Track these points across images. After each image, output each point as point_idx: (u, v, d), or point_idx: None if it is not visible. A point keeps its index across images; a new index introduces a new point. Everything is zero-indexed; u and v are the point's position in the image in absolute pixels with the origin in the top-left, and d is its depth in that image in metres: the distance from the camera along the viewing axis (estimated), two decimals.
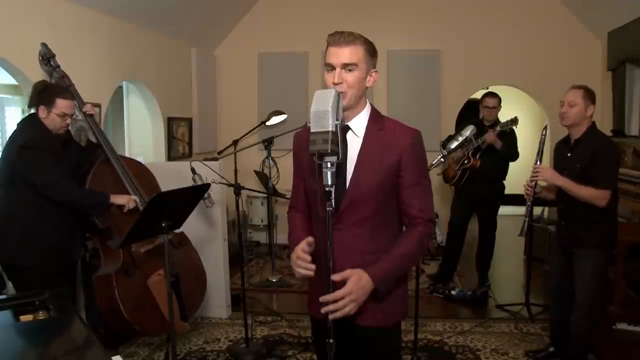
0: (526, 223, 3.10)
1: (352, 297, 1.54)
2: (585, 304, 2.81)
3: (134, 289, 2.88)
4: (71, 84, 3.03)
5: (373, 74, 1.68)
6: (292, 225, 1.92)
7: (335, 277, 1.55)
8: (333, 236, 1.61)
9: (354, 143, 1.70)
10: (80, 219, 2.88)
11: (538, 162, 2.99)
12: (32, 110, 2.77)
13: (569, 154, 2.87)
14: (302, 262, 1.68)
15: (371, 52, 1.66)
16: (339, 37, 1.62)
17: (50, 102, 2.67)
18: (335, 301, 1.54)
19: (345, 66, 1.61)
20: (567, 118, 2.80)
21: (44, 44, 3.02)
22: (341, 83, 1.61)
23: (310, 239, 1.72)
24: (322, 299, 1.54)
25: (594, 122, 2.84)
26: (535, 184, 2.96)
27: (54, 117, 2.69)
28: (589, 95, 2.78)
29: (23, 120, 2.79)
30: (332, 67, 1.63)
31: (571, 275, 2.88)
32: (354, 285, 1.55)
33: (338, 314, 1.54)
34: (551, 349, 3.21)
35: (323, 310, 1.54)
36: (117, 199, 2.87)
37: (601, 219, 2.75)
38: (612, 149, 2.79)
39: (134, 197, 2.95)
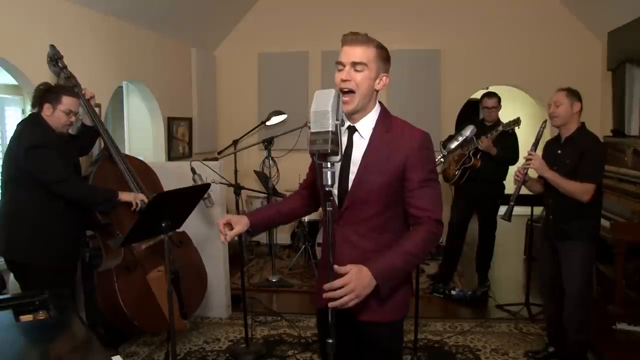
0: (512, 207, 3.13)
1: (350, 286, 1.52)
2: (575, 297, 2.87)
3: (134, 284, 2.89)
4: (77, 84, 3.05)
5: (384, 77, 1.69)
6: (289, 197, 2.08)
7: (338, 268, 1.54)
8: (336, 232, 1.67)
9: (360, 144, 1.71)
10: (82, 216, 2.89)
11: (533, 151, 3.04)
12: (34, 111, 2.77)
13: (559, 151, 2.97)
14: (220, 226, 1.82)
15: (383, 56, 1.68)
16: (352, 37, 1.65)
17: (56, 99, 2.70)
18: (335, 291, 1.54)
19: (354, 65, 1.63)
20: (556, 117, 2.93)
21: (52, 46, 3.05)
22: (349, 80, 1.63)
23: (229, 218, 1.83)
24: (325, 286, 1.54)
25: (583, 123, 2.95)
26: (526, 171, 3.01)
27: (59, 114, 2.71)
28: (573, 93, 2.92)
29: (24, 120, 2.80)
30: (342, 65, 1.65)
31: (560, 271, 2.94)
32: (353, 275, 1.53)
33: (336, 303, 1.52)
34: (550, 349, 3.22)
35: (324, 295, 1.53)
36: (124, 196, 2.89)
37: (587, 213, 2.85)
38: (600, 147, 2.93)
39: (140, 195, 2.96)
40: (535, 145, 3.08)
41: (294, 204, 2.01)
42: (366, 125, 1.71)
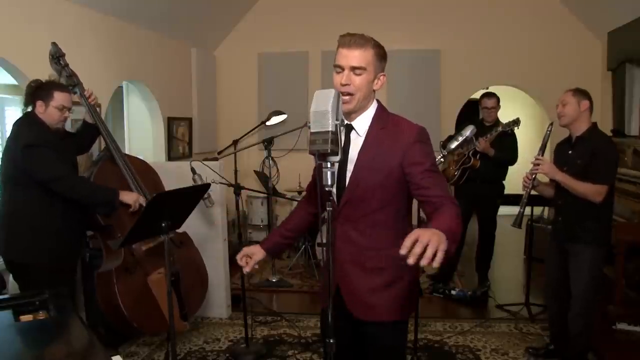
0: (521, 214, 3.11)
1: (423, 239, 1.29)
2: (581, 300, 2.85)
3: (134, 286, 2.88)
4: (79, 83, 3.04)
5: (381, 77, 1.70)
6: (290, 212, 2.08)
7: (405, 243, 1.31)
8: (335, 230, 1.67)
9: (357, 142, 1.73)
10: (82, 216, 2.88)
11: (541, 154, 3.01)
12: (28, 109, 2.77)
13: (570, 151, 2.94)
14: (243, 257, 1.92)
15: (381, 55, 1.68)
16: (350, 39, 1.64)
17: (48, 96, 2.68)
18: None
19: (354, 69, 1.63)
20: (563, 117, 2.90)
21: (54, 43, 3.03)
22: (349, 85, 1.64)
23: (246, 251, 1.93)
24: (403, 250, 1.30)
25: (595, 123, 2.92)
26: (535, 176, 2.99)
27: (52, 110, 2.69)
28: (580, 92, 2.89)
29: (19, 119, 2.78)
30: (341, 69, 1.65)
31: (567, 272, 2.92)
32: (419, 230, 1.32)
33: (424, 261, 1.29)
34: (551, 347, 3.22)
35: (411, 261, 1.29)
36: (125, 197, 2.87)
37: (597, 215, 2.82)
38: (612, 148, 2.88)
39: (141, 198, 2.93)
40: (542, 149, 3.05)
41: (298, 216, 2.02)
42: (363, 123, 1.73)
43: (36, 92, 2.70)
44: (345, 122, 1.72)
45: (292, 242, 2.11)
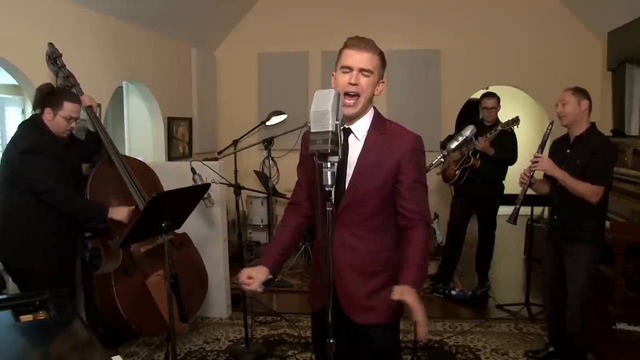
0: (517, 210, 3.10)
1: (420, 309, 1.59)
2: (578, 299, 2.85)
3: (132, 288, 2.88)
4: (76, 84, 3.04)
5: (381, 84, 1.74)
6: (279, 227, 1.97)
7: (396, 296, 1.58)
8: (332, 234, 1.65)
9: (355, 146, 1.74)
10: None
11: (539, 152, 3.01)
12: (35, 112, 2.76)
13: (568, 151, 2.93)
14: (246, 281, 1.76)
15: (383, 62, 1.73)
16: (360, 42, 1.68)
17: (57, 104, 2.67)
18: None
19: (362, 70, 1.67)
20: (564, 117, 2.90)
21: (50, 44, 3.03)
22: (357, 85, 1.66)
23: (248, 272, 1.77)
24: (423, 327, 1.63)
25: (594, 123, 2.92)
26: (532, 173, 2.98)
27: (59, 120, 2.68)
28: (579, 91, 2.88)
29: (24, 122, 2.78)
30: (349, 69, 1.68)
31: (564, 271, 2.92)
32: (414, 299, 1.58)
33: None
34: (550, 349, 3.22)
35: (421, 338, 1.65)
36: (116, 214, 2.81)
37: (594, 215, 2.82)
38: (611, 148, 2.89)
39: (129, 215, 2.86)
40: (541, 147, 3.05)
41: (292, 228, 1.95)
42: (361, 127, 1.74)
43: (47, 97, 2.69)
44: (344, 125, 1.73)
45: (291, 252, 2.11)
